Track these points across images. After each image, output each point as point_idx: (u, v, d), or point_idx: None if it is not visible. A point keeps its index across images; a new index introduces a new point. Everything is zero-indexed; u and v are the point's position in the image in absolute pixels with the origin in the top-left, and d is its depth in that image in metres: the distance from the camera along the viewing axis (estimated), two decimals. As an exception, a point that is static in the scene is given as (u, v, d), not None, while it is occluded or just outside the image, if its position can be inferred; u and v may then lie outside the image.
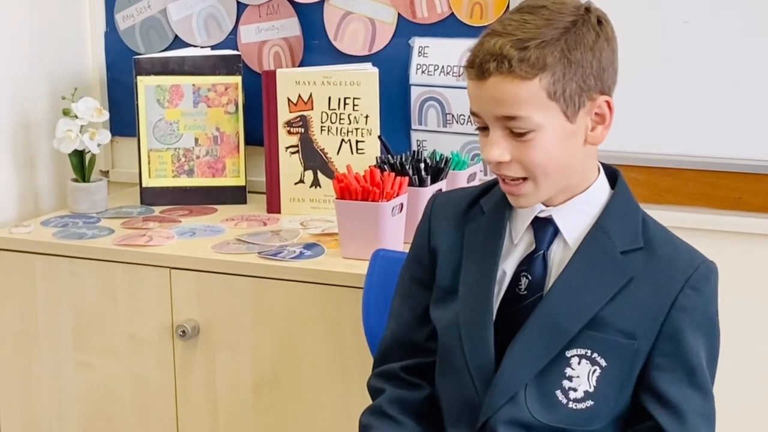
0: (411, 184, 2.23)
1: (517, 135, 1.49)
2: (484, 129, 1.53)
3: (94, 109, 2.59)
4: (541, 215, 1.58)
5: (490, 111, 1.50)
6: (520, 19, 1.49)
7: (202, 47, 2.76)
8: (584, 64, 1.48)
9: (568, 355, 1.53)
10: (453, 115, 2.54)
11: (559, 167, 1.52)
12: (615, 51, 1.54)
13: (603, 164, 1.62)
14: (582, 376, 1.53)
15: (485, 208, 1.65)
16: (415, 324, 1.70)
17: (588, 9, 1.52)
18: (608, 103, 1.52)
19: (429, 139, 2.58)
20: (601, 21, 1.52)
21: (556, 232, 1.58)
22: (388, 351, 1.73)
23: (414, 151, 2.41)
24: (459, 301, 1.61)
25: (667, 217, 1.74)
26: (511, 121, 1.49)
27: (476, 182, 2.39)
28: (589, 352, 1.53)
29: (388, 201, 2.14)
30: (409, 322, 1.71)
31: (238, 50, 2.73)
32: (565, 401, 1.53)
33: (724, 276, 1.59)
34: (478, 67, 1.49)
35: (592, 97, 1.50)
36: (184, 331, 2.25)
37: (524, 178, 1.52)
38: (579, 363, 1.53)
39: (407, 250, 1.77)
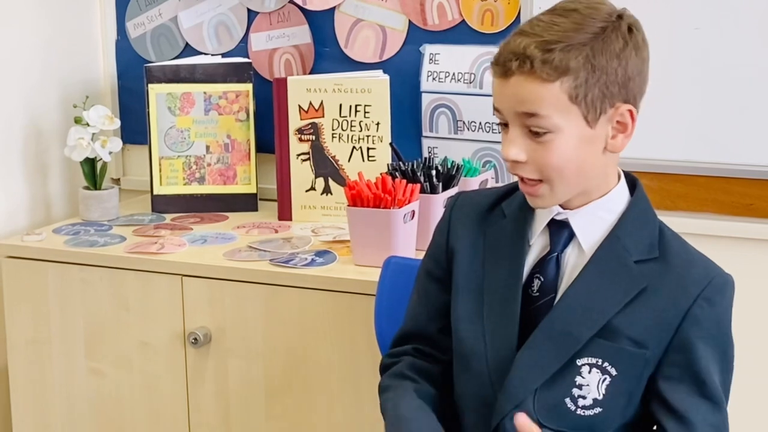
0: (423, 191, 2.23)
1: (535, 135, 1.49)
2: (505, 126, 1.54)
3: (105, 117, 2.60)
4: (558, 218, 1.58)
5: (511, 107, 1.50)
6: (549, 21, 1.49)
7: (213, 55, 2.76)
8: (609, 71, 1.48)
9: (579, 364, 1.53)
10: (464, 122, 2.54)
11: (576, 171, 1.51)
12: (645, 60, 1.53)
13: (624, 172, 1.62)
14: (592, 384, 1.53)
15: (506, 212, 1.65)
16: (428, 319, 1.71)
17: (621, 16, 1.51)
18: (631, 113, 1.51)
19: (440, 146, 2.58)
20: (632, 29, 1.51)
21: (572, 235, 1.58)
22: (401, 339, 1.75)
23: (425, 158, 2.41)
24: (482, 304, 1.60)
25: (678, 223, 1.74)
26: (531, 119, 1.49)
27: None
28: (600, 361, 1.52)
29: (399, 208, 2.14)
30: (423, 317, 1.72)
31: (248, 58, 2.73)
32: (573, 408, 1.53)
33: (736, 282, 1.58)
34: (502, 66, 1.50)
35: (615, 104, 1.50)
36: (195, 339, 2.25)
37: (539, 180, 1.53)
38: (589, 372, 1.53)
39: (419, 257, 1.78)
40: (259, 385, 2.25)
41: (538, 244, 1.60)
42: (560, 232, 1.58)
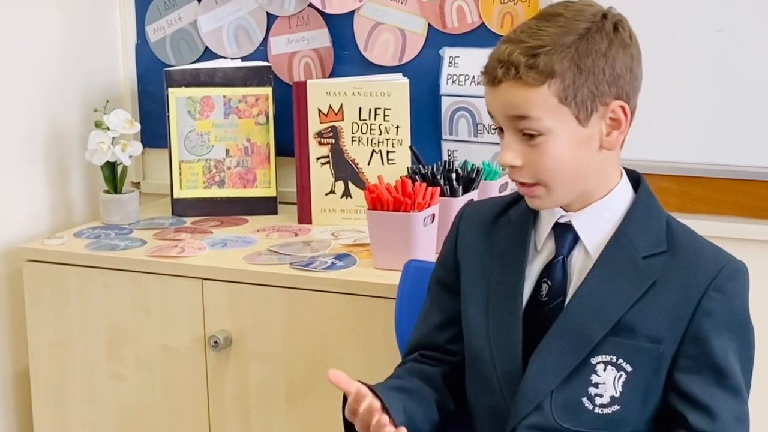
0: (442, 194, 2.23)
1: (529, 138, 1.50)
2: (501, 131, 1.55)
3: (125, 121, 2.61)
4: (561, 221, 1.58)
5: (503, 112, 1.52)
6: (534, 26, 1.51)
7: (232, 59, 2.77)
8: (596, 70, 1.49)
9: (593, 362, 1.53)
10: (484, 125, 2.54)
11: (572, 172, 1.52)
12: (634, 56, 1.53)
13: (626, 169, 1.61)
14: (608, 382, 1.53)
15: (513, 218, 1.66)
16: (438, 327, 1.72)
17: (605, 15, 1.52)
18: (623, 108, 1.52)
19: (460, 149, 2.58)
20: (617, 27, 1.52)
21: (577, 238, 1.58)
22: (411, 350, 1.76)
23: (445, 161, 2.41)
24: (487, 310, 1.61)
25: (699, 226, 1.73)
26: (522, 122, 1.50)
27: (508, 192, 2.38)
28: (614, 358, 1.52)
29: (419, 211, 2.14)
30: (433, 326, 1.73)
31: (268, 61, 2.73)
32: (591, 407, 1.53)
33: (757, 284, 1.58)
34: (490, 74, 1.52)
35: (606, 102, 1.50)
36: (216, 342, 2.25)
37: (536, 183, 1.54)
38: (604, 369, 1.53)
39: (439, 260, 1.78)
40: (279, 389, 2.25)
41: (546, 249, 1.61)
42: (565, 235, 1.58)
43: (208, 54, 2.82)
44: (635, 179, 1.61)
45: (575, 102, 1.49)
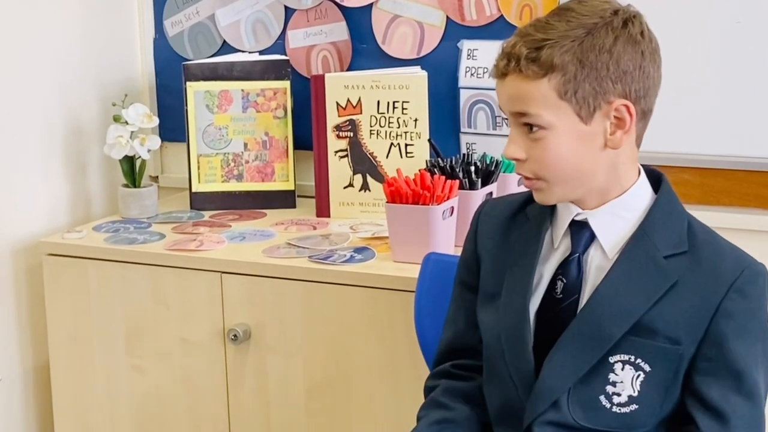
0: (461, 187, 2.22)
1: (531, 131, 1.50)
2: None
3: (144, 115, 2.61)
4: (578, 218, 1.57)
5: (507, 107, 1.53)
6: (545, 21, 1.51)
7: (250, 52, 2.77)
8: (599, 66, 1.47)
9: (612, 361, 1.52)
10: (502, 118, 2.53)
11: (574, 170, 1.51)
12: (645, 53, 1.50)
13: (647, 168, 1.60)
14: (626, 381, 1.52)
15: (530, 215, 1.65)
16: (467, 328, 1.70)
17: (617, 12, 1.50)
18: (627, 108, 1.49)
19: (479, 141, 2.57)
20: (627, 23, 1.49)
21: (593, 236, 1.56)
22: (443, 355, 1.75)
23: (464, 154, 2.40)
24: (502, 306, 1.61)
25: (720, 218, 1.73)
26: (523, 117, 1.50)
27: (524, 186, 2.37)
28: (632, 357, 1.51)
29: (438, 204, 2.14)
30: (462, 327, 1.72)
31: (286, 55, 2.73)
32: (608, 406, 1.52)
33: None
34: (496, 66, 1.54)
35: (609, 100, 1.48)
36: (235, 335, 2.25)
37: (537, 178, 1.54)
38: (622, 369, 1.52)
39: (458, 254, 1.78)
40: (298, 382, 2.26)
41: (562, 246, 1.59)
42: (581, 233, 1.57)
43: (225, 48, 2.82)
44: (655, 178, 1.59)
45: (576, 98, 1.47)
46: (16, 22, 2.53)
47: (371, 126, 2.53)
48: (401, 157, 2.51)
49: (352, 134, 2.54)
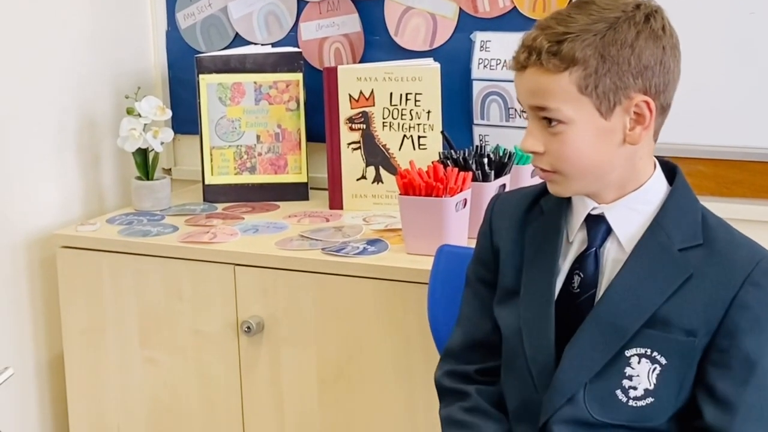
0: (474, 179, 2.22)
1: (550, 125, 1.50)
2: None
3: (157, 108, 2.61)
4: (594, 212, 1.57)
5: (526, 100, 1.52)
6: (566, 14, 1.50)
7: (262, 45, 2.77)
8: (620, 60, 1.46)
9: (628, 355, 1.52)
10: (515, 110, 2.52)
11: (591, 165, 1.50)
12: (666, 48, 1.50)
13: (661, 160, 1.59)
14: (642, 374, 1.51)
15: (545, 208, 1.64)
16: (485, 324, 1.69)
17: (639, 6, 1.50)
18: (647, 104, 1.49)
19: (491, 133, 2.57)
20: (649, 18, 1.49)
21: (609, 230, 1.56)
22: (460, 351, 1.72)
23: (477, 146, 2.40)
24: (520, 302, 1.60)
25: (734, 209, 1.72)
26: (542, 111, 1.50)
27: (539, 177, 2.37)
28: (648, 351, 1.51)
29: (451, 196, 2.13)
30: (479, 323, 1.70)
31: (298, 47, 2.73)
32: (625, 399, 1.52)
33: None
34: (515, 59, 1.52)
35: (630, 95, 1.48)
36: (249, 327, 2.26)
37: (554, 171, 1.53)
38: (639, 362, 1.52)
39: (472, 246, 1.77)
40: (311, 374, 2.26)
41: (578, 241, 1.59)
42: (597, 227, 1.57)
43: (238, 40, 2.82)
44: (670, 169, 1.59)
45: (596, 93, 1.46)
46: (29, 16, 2.53)
47: (384, 118, 2.52)
48: (414, 149, 2.51)
49: (364, 126, 2.54)
